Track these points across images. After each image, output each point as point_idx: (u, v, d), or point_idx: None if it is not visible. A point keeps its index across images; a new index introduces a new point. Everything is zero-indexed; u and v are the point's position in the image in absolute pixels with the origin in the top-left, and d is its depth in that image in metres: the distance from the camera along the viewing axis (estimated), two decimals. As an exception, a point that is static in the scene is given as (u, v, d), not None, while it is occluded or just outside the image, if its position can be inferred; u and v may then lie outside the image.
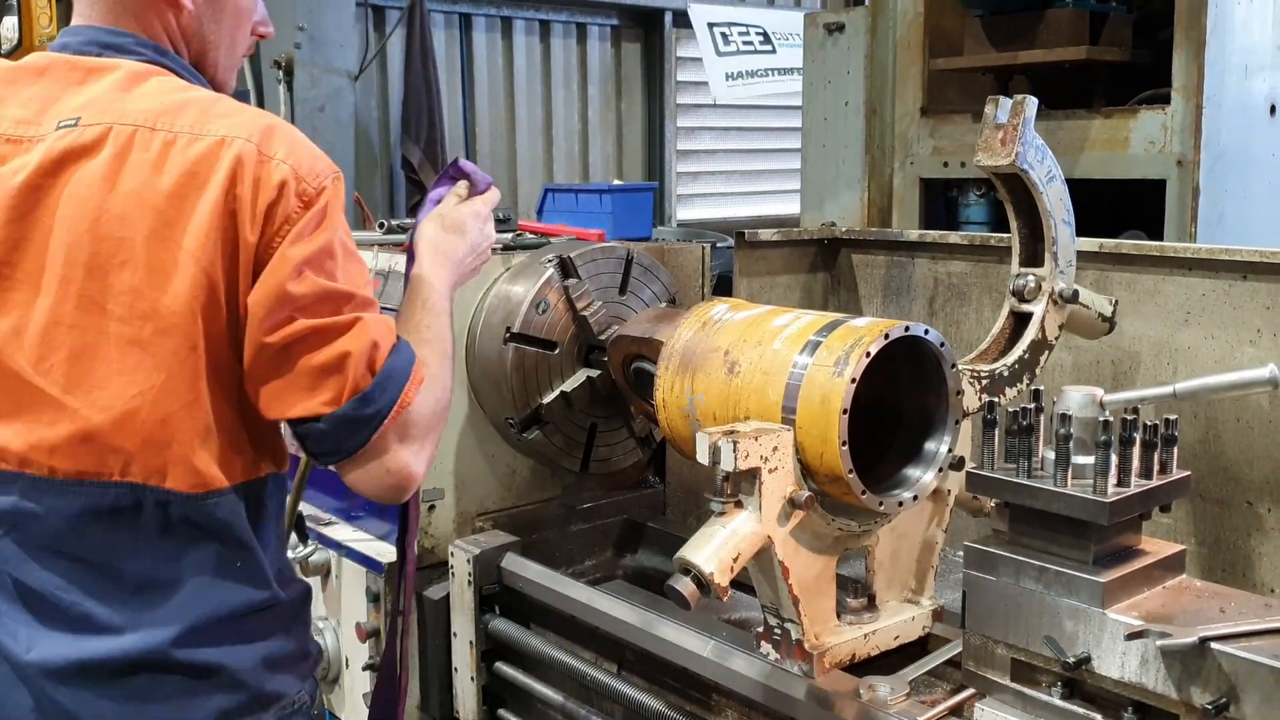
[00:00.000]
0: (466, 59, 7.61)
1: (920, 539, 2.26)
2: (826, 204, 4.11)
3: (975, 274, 3.07)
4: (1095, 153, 3.48)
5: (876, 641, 2.17)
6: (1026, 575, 1.74)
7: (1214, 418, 2.57)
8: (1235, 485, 2.56)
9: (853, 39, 4.06)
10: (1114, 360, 2.76)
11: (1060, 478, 1.71)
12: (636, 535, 3.00)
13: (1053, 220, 2.24)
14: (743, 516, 1.98)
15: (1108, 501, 1.66)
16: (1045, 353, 2.30)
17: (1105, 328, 2.44)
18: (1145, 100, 3.49)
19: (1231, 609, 1.66)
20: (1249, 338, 2.53)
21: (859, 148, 4.05)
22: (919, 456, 2.15)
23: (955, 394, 2.11)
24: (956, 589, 2.46)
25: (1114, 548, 1.74)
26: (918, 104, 3.95)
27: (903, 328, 2.03)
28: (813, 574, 2.08)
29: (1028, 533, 1.78)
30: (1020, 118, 2.16)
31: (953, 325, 3.08)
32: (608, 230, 3.90)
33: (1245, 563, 2.56)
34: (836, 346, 2.02)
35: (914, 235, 3.27)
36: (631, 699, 2.36)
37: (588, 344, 2.82)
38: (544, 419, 2.80)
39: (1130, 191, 3.47)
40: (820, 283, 3.43)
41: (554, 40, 8.02)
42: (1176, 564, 1.79)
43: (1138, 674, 1.62)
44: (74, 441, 1.57)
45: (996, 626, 1.78)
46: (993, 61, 3.80)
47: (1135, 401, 1.77)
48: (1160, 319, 2.67)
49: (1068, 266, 2.29)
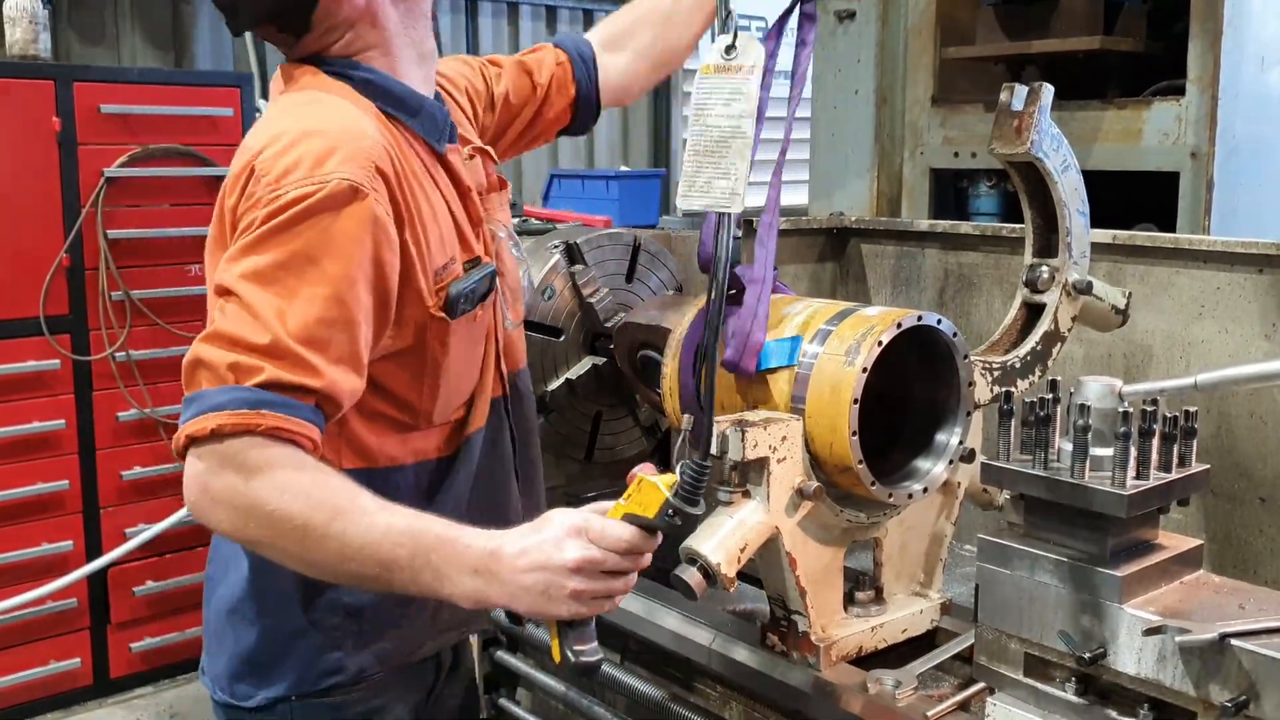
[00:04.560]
0: (472, 44, 7.56)
1: (929, 531, 2.24)
2: (835, 193, 4.07)
3: (986, 265, 3.04)
4: (1108, 144, 3.44)
5: (884, 635, 2.14)
6: (1042, 568, 1.71)
7: (1226, 412, 2.54)
8: (1247, 481, 2.53)
9: (863, 27, 4.01)
10: (1126, 353, 2.72)
11: (1078, 469, 1.68)
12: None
13: (1067, 210, 2.21)
14: (750, 506, 1.95)
15: (1127, 494, 1.62)
16: (1058, 345, 2.26)
17: (1119, 320, 2.41)
18: (1159, 91, 3.45)
19: (1251, 605, 1.63)
20: (1264, 331, 2.50)
21: (869, 137, 4.01)
22: (929, 448, 2.12)
23: (967, 385, 2.08)
24: (965, 582, 2.44)
25: (1131, 541, 1.71)
26: (929, 93, 3.91)
27: (915, 317, 2.01)
28: (820, 565, 2.05)
29: (1043, 525, 1.75)
30: (1036, 105, 2.13)
31: (963, 316, 3.05)
32: (614, 217, 3.86)
33: (1256, 559, 2.54)
34: (848, 335, 1.99)
35: (924, 225, 3.24)
36: (635, 689, 2.33)
37: (593, 331, 2.79)
38: (549, 407, 2.77)
39: (1142, 184, 3.44)
40: (829, 272, 3.40)
41: (560, 26, 7.97)
42: (1194, 559, 1.76)
43: (1155, 670, 1.59)
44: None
45: (1010, 620, 1.75)
46: (1005, 51, 3.76)
47: (1155, 393, 1.73)
48: (1174, 312, 2.64)
49: (1082, 257, 2.26)
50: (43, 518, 4.16)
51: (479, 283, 1.76)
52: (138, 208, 4.24)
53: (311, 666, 1.75)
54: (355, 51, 1.75)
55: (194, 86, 4.40)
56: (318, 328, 1.51)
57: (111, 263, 4.17)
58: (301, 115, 1.66)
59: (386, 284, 1.61)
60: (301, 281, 1.52)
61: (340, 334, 1.54)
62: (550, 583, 1.48)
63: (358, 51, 1.75)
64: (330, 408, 1.55)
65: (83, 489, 4.25)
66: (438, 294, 1.69)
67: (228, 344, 1.49)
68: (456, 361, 1.76)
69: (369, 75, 1.73)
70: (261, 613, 1.76)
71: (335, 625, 1.75)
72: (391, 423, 1.75)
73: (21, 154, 4.01)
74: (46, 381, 4.13)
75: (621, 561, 1.52)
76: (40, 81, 4.05)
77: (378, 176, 1.59)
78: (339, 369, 1.53)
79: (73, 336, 4.17)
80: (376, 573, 1.48)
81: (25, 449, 4.09)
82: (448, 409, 1.80)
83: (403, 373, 1.72)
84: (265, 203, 1.54)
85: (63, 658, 4.26)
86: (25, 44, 4.30)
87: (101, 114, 4.13)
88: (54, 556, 4.16)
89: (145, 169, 4.22)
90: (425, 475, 1.80)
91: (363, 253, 1.56)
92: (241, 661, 1.78)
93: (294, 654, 1.76)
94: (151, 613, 4.43)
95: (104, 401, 4.25)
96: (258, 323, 1.49)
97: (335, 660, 1.76)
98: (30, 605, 4.04)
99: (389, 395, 1.72)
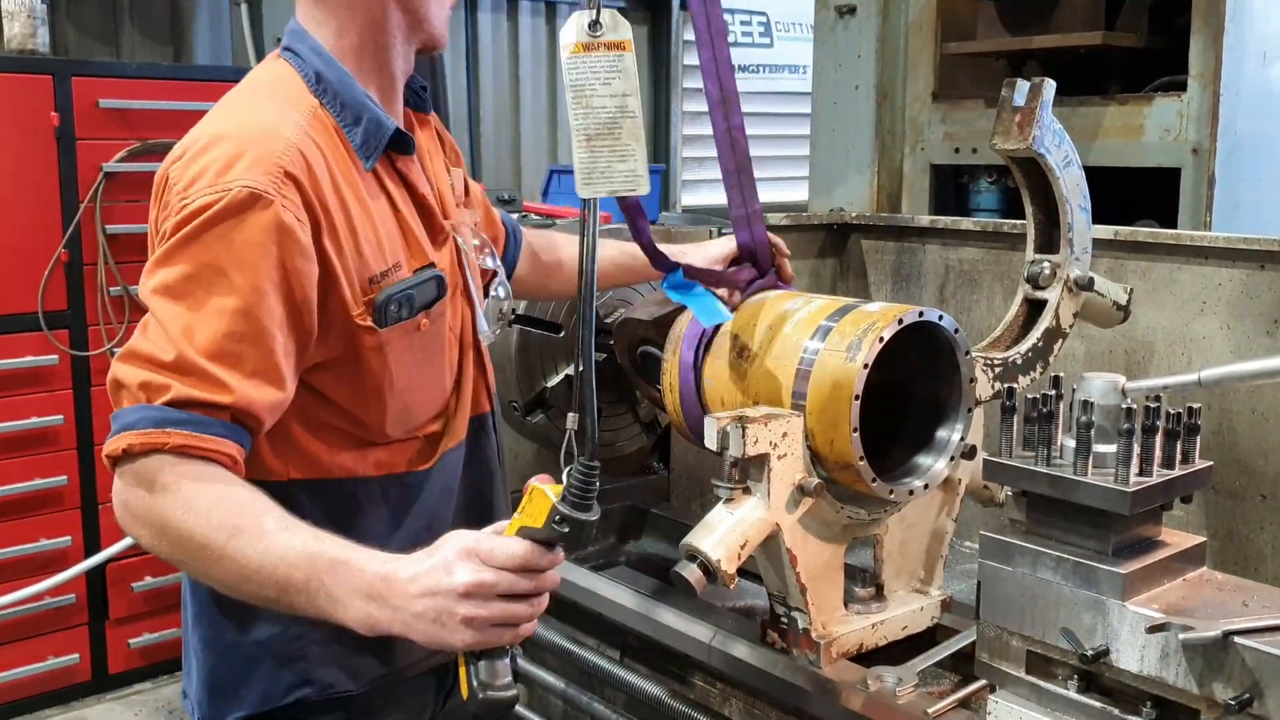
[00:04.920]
0: (471, 40, 7.54)
1: (930, 528, 2.23)
2: (835, 189, 4.07)
3: (987, 261, 3.03)
4: (1109, 140, 3.44)
5: (884, 632, 2.13)
6: (1044, 565, 1.70)
7: (1228, 409, 2.54)
8: (1249, 478, 2.53)
9: (864, 22, 4.01)
10: (1127, 350, 2.72)
11: (1081, 466, 1.67)
12: (640, 521, 2.97)
13: (1069, 206, 2.20)
14: (751, 503, 1.94)
15: (1130, 491, 1.61)
16: (1059, 341, 2.26)
17: (1120, 316, 2.40)
18: (1161, 87, 3.45)
19: (1255, 603, 1.62)
20: (1265, 328, 2.49)
21: (869, 132, 4.01)
22: (930, 444, 2.11)
23: (968, 381, 2.07)
24: (965, 579, 2.44)
25: (1134, 538, 1.70)
26: (929, 89, 3.91)
27: (917, 313, 2.00)
28: (821, 562, 2.04)
29: (1046, 522, 1.74)
30: (1038, 101, 2.12)
31: (964, 312, 3.04)
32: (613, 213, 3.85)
33: (1258, 556, 2.53)
34: (849, 331, 1.98)
35: (925, 221, 3.23)
36: (634, 686, 2.33)
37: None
38: (548, 403, 2.76)
39: (1144, 179, 3.43)
40: (829, 268, 3.39)
41: (559, 22, 7.96)
42: (1197, 556, 1.75)
43: (1158, 668, 1.58)
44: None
45: (1012, 617, 1.74)
46: (1006, 46, 3.76)
47: (1158, 389, 1.72)
48: (1175, 308, 2.63)
49: (1083, 253, 2.25)
50: (41, 513, 4.15)
51: (418, 288, 1.69)
52: (136, 203, 4.23)
53: (276, 681, 1.70)
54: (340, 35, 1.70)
55: (193, 81, 4.40)
56: (226, 342, 1.48)
57: (110, 258, 4.16)
58: (222, 116, 1.64)
59: (301, 292, 1.55)
60: (209, 293, 1.49)
61: (250, 347, 1.50)
62: (442, 609, 1.38)
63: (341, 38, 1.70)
64: (249, 421, 1.51)
65: (81, 484, 4.24)
66: (367, 303, 1.63)
67: (142, 362, 1.48)
68: (403, 374, 1.69)
69: (324, 70, 1.68)
70: (218, 629, 1.71)
71: (296, 635, 1.69)
72: (343, 435, 1.69)
73: (20, 149, 4.00)
74: (45, 377, 4.12)
75: (517, 582, 1.40)
76: (39, 76, 4.04)
77: (287, 181, 1.54)
78: (252, 383, 1.50)
79: (71, 332, 4.17)
80: (275, 595, 1.43)
81: (23, 444, 4.09)
82: (407, 422, 1.74)
83: (343, 384, 1.66)
84: (175, 211, 1.52)
85: (61, 653, 4.26)
86: (24, 38, 4.30)
87: (100, 109, 4.13)
88: (52, 552, 4.16)
89: (144, 164, 4.21)
90: (394, 489, 1.75)
91: (269, 261, 1.51)
92: (210, 682, 1.73)
93: (258, 669, 1.70)
94: (150, 608, 4.43)
95: (102, 397, 4.19)
96: (167, 339, 1.47)
97: (300, 671, 1.70)
98: (29, 601, 4.05)
99: (333, 406, 1.67)
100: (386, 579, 1.41)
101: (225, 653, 1.72)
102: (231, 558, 1.43)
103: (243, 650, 1.71)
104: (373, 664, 1.75)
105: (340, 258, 1.60)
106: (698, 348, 2.23)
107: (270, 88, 1.68)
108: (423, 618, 1.39)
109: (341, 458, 1.70)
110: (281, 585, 1.42)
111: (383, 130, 1.69)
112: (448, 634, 1.40)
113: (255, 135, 1.56)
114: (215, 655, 1.72)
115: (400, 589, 1.40)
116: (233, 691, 1.72)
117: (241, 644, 1.71)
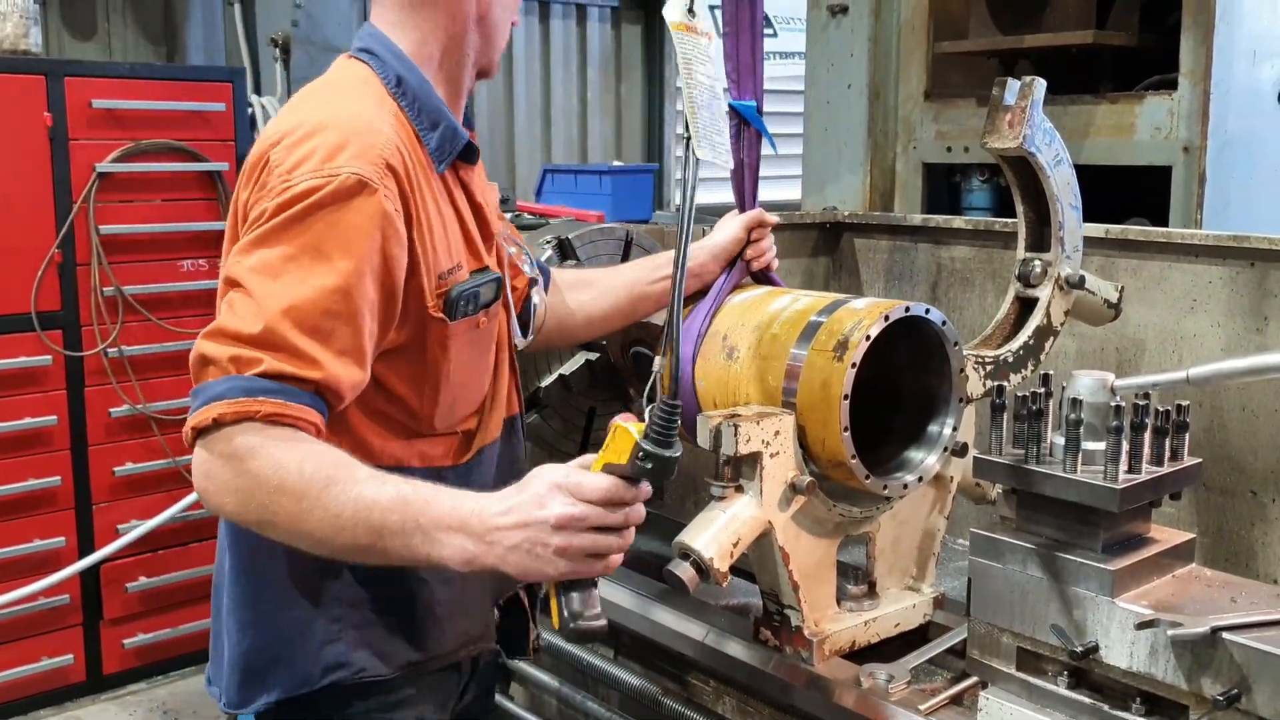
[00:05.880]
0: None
1: (922, 526, 2.24)
2: (828, 188, 4.08)
3: (979, 259, 3.04)
4: (1100, 138, 3.45)
5: (877, 629, 2.14)
6: (1034, 562, 1.71)
7: (1218, 406, 2.55)
8: (1239, 475, 2.53)
9: (856, 21, 4.02)
10: (1119, 347, 2.73)
11: (1070, 463, 1.68)
12: (633, 520, 2.97)
13: (1060, 204, 2.21)
14: (743, 501, 1.95)
15: (1119, 488, 1.62)
16: (1050, 339, 2.26)
17: (1111, 314, 2.41)
18: (1152, 86, 3.47)
19: (1243, 599, 1.63)
20: (1256, 325, 2.50)
21: (861, 131, 4.02)
22: (922, 439, 2.12)
23: (958, 373, 2.08)
24: (957, 577, 2.44)
25: (1123, 535, 1.71)
26: (921, 88, 3.92)
27: (903, 309, 2.00)
28: (813, 560, 2.05)
29: (1035, 519, 1.75)
30: (1028, 100, 2.13)
31: (955, 310, 3.05)
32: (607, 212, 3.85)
33: (1249, 553, 2.54)
34: (836, 330, 1.98)
35: (917, 219, 3.24)
36: (628, 684, 2.33)
37: (586, 326, 2.77)
38: (542, 402, 2.76)
39: (1134, 178, 3.45)
40: (822, 267, 3.40)
41: (554, 21, 7.95)
42: (1186, 552, 1.76)
43: (1147, 664, 1.59)
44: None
45: (1002, 614, 1.75)
46: (998, 45, 3.77)
47: (1147, 386, 1.73)
48: (1166, 306, 2.64)
49: (1074, 251, 2.26)
50: (35, 514, 4.15)
51: (483, 287, 1.76)
52: (129, 203, 4.23)
53: (314, 662, 1.73)
54: (424, 44, 1.78)
55: (186, 81, 4.39)
56: (322, 319, 1.53)
57: (103, 258, 4.16)
58: (319, 107, 1.68)
59: (393, 279, 1.61)
60: (309, 273, 1.53)
61: (344, 326, 1.55)
62: (535, 540, 1.45)
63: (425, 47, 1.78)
64: (332, 398, 1.56)
65: (75, 485, 4.24)
66: (439, 296, 1.70)
67: (230, 338, 1.51)
68: (459, 368, 1.76)
69: (406, 75, 1.74)
70: (259, 611, 1.75)
71: (336, 616, 1.73)
72: (394, 424, 1.75)
73: (12, 149, 4.00)
74: (38, 377, 4.12)
75: (606, 515, 1.47)
76: (31, 76, 4.03)
77: (388, 173, 1.60)
78: (341, 361, 1.55)
79: (64, 332, 4.16)
80: (370, 541, 1.47)
81: (17, 445, 4.09)
82: (452, 416, 1.80)
83: (404, 372, 1.72)
84: (276, 193, 1.56)
85: (56, 654, 4.25)
86: (16, 38, 4.29)
87: (93, 109, 4.12)
88: (46, 552, 4.16)
89: (137, 164, 4.21)
90: (436, 482, 1.79)
91: (371, 246, 1.57)
92: (244, 665, 1.76)
93: (295, 651, 1.74)
94: (144, 608, 4.43)
95: (96, 397, 4.24)
96: (259, 315, 1.51)
97: (337, 654, 1.74)
98: (23, 601, 4.04)
99: (390, 394, 1.73)
100: (480, 515, 1.47)
101: (264, 634, 1.75)
102: (325, 507, 1.46)
103: (282, 632, 1.74)
104: (405, 649, 1.78)
105: (423, 250, 1.67)
106: (696, 341, 2.23)
107: (362, 85, 1.73)
108: (517, 549, 1.45)
109: (391, 446, 1.75)
110: (377, 529, 1.46)
111: (458, 139, 1.78)
112: (542, 564, 1.46)
113: (359, 127, 1.62)
114: (252, 637, 1.75)
115: (495, 523, 1.46)
116: (267, 675, 1.75)
117: (281, 625, 1.74)
